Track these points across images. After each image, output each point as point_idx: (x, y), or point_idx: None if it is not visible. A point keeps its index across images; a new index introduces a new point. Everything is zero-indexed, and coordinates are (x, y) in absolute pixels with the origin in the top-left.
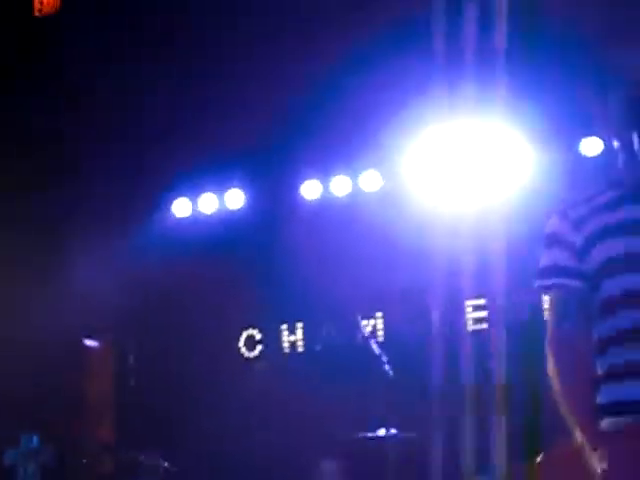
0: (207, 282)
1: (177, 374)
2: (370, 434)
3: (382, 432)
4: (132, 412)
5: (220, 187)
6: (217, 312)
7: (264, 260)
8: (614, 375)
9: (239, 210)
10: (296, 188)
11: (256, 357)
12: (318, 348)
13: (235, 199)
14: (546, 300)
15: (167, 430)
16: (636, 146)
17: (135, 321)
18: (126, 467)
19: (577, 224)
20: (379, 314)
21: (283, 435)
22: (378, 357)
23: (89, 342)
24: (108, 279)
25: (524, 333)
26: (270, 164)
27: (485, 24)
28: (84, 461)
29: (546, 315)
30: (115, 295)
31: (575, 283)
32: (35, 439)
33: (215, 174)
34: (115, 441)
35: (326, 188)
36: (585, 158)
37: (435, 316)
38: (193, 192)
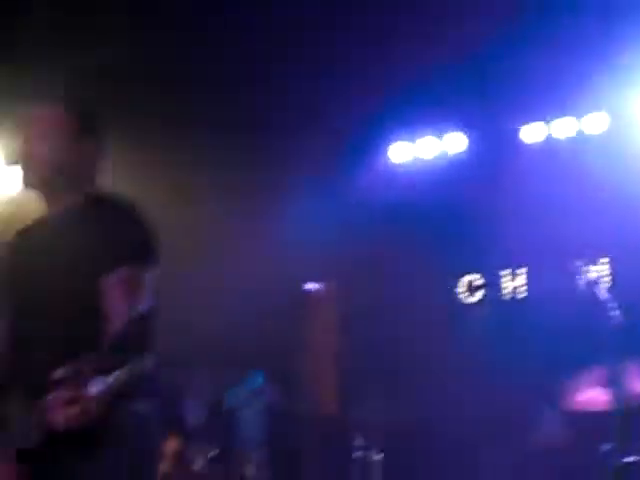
0: (426, 227)
1: (395, 321)
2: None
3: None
4: (354, 359)
5: (439, 131)
6: (436, 258)
7: (484, 205)
8: None
9: (460, 154)
10: (516, 132)
11: (476, 303)
12: (540, 294)
13: (456, 143)
14: None
15: (389, 378)
16: None
17: (355, 268)
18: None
19: None
20: (604, 260)
21: (504, 381)
22: (604, 303)
23: (311, 287)
24: (328, 227)
25: None
26: (489, 107)
27: None
28: (308, 400)
29: None
30: (335, 243)
31: None
32: (260, 380)
33: (434, 118)
34: (338, 386)
35: (548, 131)
36: None
37: None
38: (411, 136)
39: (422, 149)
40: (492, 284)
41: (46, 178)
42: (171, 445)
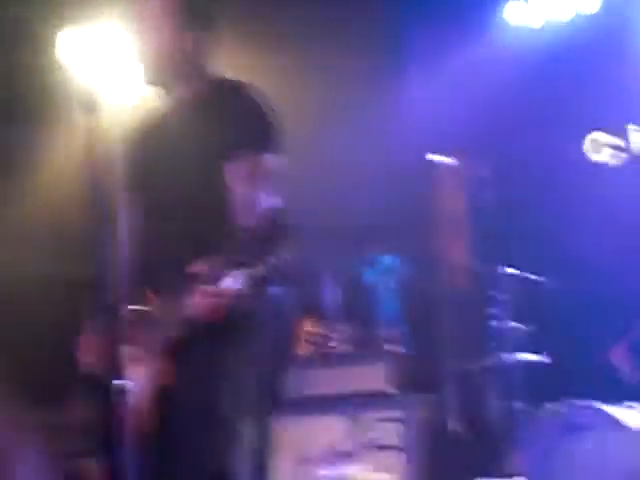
0: (556, 94)
1: (529, 192)
2: None
3: None
4: (487, 229)
5: None
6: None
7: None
8: None
9: (592, 15)
10: None
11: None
12: None
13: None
14: None
15: (522, 248)
16: None
17: (483, 140)
18: (484, 281)
19: None
20: None
21: None
22: None
23: (439, 160)
24: (451, 97)
25: None
26: None
27: None
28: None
29: None
30: (461, 114)
31: None
32: (393, 257)
33: None
34: (469, 259)
35: None
36: None
37: None
38: None
39: (549, 10)
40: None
41: (161, 70)
42: (308, 326)
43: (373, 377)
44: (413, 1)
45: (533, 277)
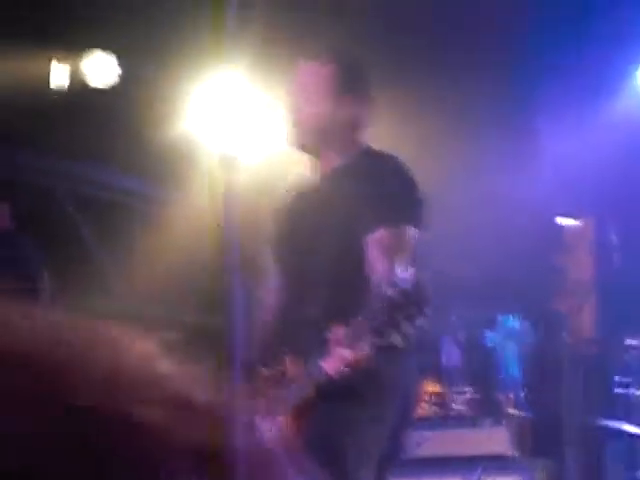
0: None
1: None
2: None
3: None
4: (615, 294)
5: None
6: None
7: None
8: None
9: None
10: None
11: None
12: None
13: None
14: None
15: None
16: None
17: (615, 200)
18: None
19: None
20: None
21: None
22: None
23: (568, 222)
24: (582, 157)
25: None
26: None
27: None
28: (566, 340)
29: None
30: (590, 176)
31: None
32: (514, 319)
33: None
34: (596, 323)
35: None
36: None
37: None
38: None
39: None
40: None
41: (312, 139)
42: (430, 387)
43: (493, 440)
44: (548, 66)
45: None
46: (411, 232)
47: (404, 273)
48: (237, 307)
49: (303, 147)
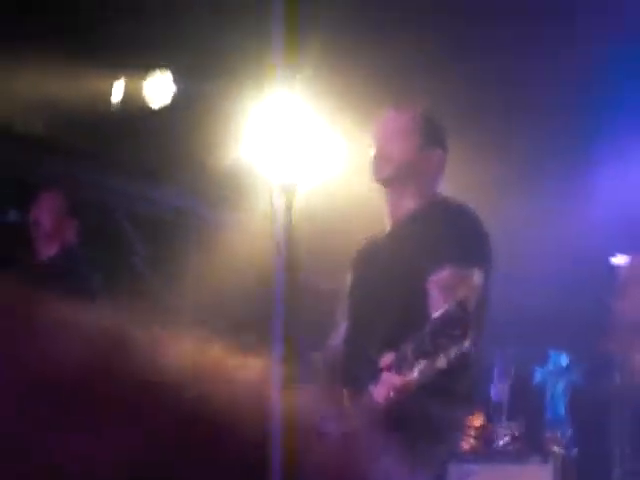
0: None
1: None
2: None
3: None
4: None
5: None
6: None
7: None
8: None
9: None
10: None
11: None
12: None
13: None
14: None
15: None
16: None
17: None
18: None
19: None
20: None
21: None
22: None
23: (617, 260)
24: (630, 198)
25: None
26: None
27: None
28: (616, 380)
29: None
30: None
31: None
32: (564, 357)
33: None
34: None
35: None
36: None
37: None
38: None
39: None
40: None
41: (392, 176)
42: (475, 421)
43: (537, 477)
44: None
45: None
46: (476, 275)
47: (456, 303)
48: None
49: (381, 183)
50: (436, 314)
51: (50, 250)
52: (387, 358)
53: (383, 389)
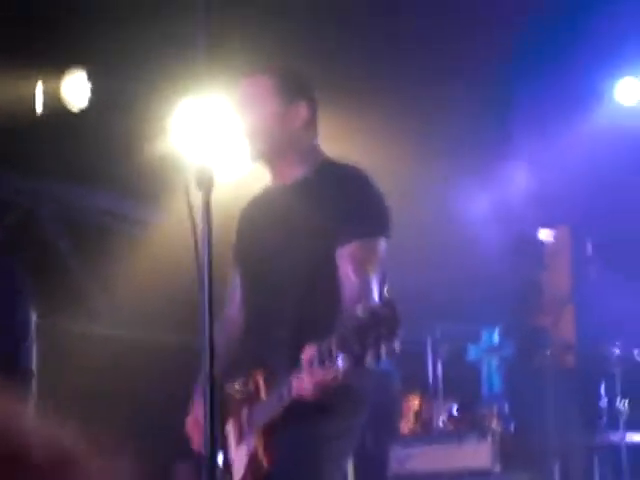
0: None
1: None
2: None
3: None
4: (593, 306)
5: None
6: None
7: None
8: None
9: None
10: None
11: None
12: None
13: None
14: None
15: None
16: None
17: (588, 211)
18: (590, 363)
19: None
20: None
21: None
22: None
23: (543, 234)
24: (557, 171)
25: None
26: None
27: None
28: (547, 353)
29: None
30: (566, 187)
31: None
32: (496, 334)
33: None
34: (576, 336)
35: None
36: None
37: None
38: None
39: None
40: None
41: (266, 147)
42: (411, 402)
43: (476, 454)
44: (526, 74)
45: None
46: (383, 244)
47: (377, 286)
48: (210, 324)
49: (260, 158)
50: (360, 310)
51: None
52: (309, 351)
53: (306, 383)
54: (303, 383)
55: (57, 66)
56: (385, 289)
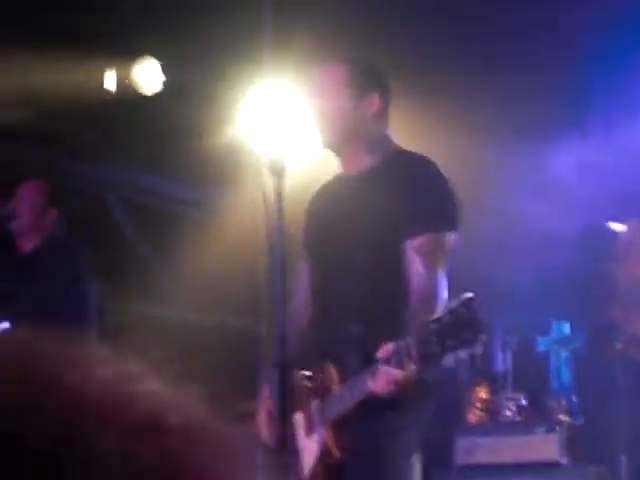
0: None
1: None
2: None
3: None
4: None
5: None
6: None
7: None
8: None
9: None
10: None
11: None
12: None
13: None
14: None
15: None
16: None
17: None
18: None
19: None
20: None
21: None
22: None
23: (616, 226)
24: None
25: None
26: None
27: None
28: (618, 346)
29: None
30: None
31: None
32: (566, 326)
33: None
34: None
35: None
36: None
37: None
38: None
39: None
40: None
41: (337, 136)
42: (481, 393)
43: (544, 447)
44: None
45: None
46: (451, 237)
47: (446, 288)
48: (279, 311)
49: (330, 147)
50: (441, 311)
51: (32, 243)
52: (385, 350)
53: (382, 381)
54: (379, 381)
55: (129, 55)
56: (467, 295)
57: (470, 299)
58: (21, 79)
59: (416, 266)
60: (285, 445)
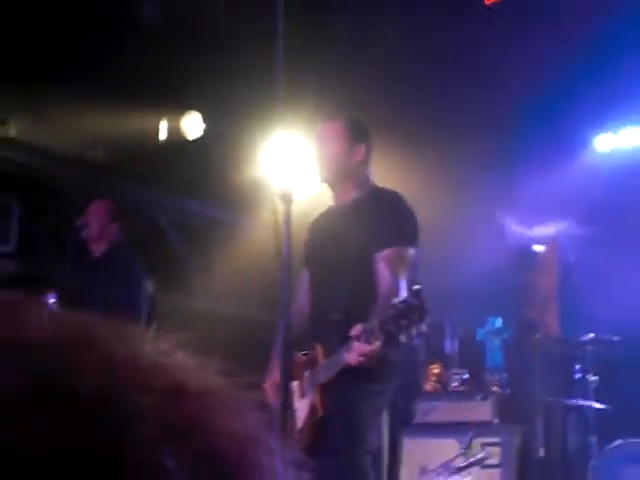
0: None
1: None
2: None
3: None
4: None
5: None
6: None
7: None
8: None
9: None
10: None
11: None
12: None
13: None
14: None
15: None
16: None
17: (573, 235)
18: (568, 347)
19: None
20: None
21: None
22: None
23: (539, 248)
24: (553, 196)
25: None
26: None
27: None
28: (537, 336)
29: None
30: (557, 212)
31: None
32: (499, 321)
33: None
34: (558, 326)
35: None
36: None
37: None
38: (616, 126)
39: (623, 138)
40: None
41: (332, 174)
42: (434, 369)
43: (481, 410)
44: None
45: (606, 338)
46: (412, 252)
47: (405, 289)
48: (287, 305)
49: (327, 182)
50: (397, 300)
51: (101, 249)
52: (356, 329)
53: (355, 354)
54: (352, 353)
55: (178, 109)
56: (415, 286)
57: (418, 290)
58: (97, 126)
59: (383, 272)
60: (286, 406)
